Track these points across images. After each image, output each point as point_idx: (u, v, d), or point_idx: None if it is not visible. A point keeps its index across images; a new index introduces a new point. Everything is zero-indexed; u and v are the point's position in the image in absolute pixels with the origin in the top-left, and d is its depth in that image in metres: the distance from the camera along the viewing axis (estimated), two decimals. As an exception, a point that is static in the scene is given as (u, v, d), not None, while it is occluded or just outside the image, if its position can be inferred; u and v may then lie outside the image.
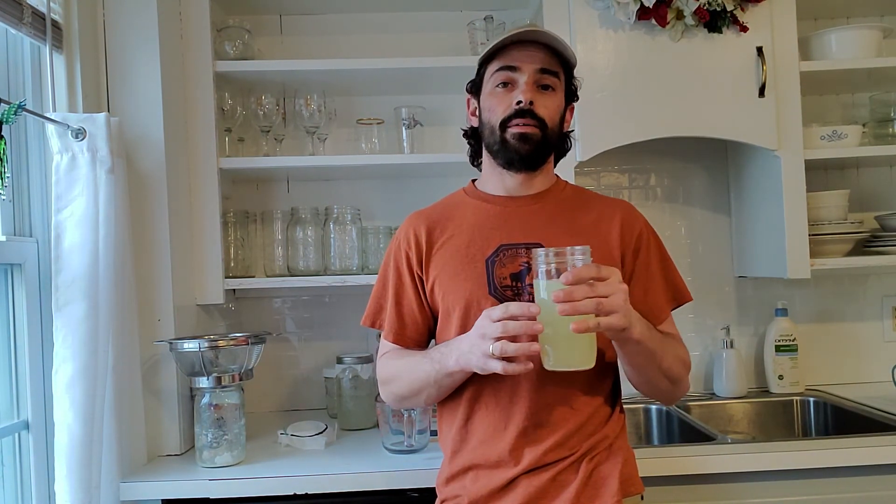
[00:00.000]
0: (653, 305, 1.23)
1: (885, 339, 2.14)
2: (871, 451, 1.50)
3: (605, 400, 1.21)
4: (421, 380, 1.20)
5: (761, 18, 1.79)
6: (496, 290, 1.18)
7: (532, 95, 1.19)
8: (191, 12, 1.79)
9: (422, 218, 1.30)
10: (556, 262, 1.03)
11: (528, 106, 1.19)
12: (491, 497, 1.17)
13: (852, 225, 1.93)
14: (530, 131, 1.19)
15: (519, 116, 1.19)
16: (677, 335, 1.27)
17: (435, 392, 1.20)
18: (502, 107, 1.21)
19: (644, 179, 2.17)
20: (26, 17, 1.41)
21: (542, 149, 1.22)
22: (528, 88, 1.19)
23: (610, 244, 1.23)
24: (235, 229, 1.95)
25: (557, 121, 1.24)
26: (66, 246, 1.42)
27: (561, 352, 1.04)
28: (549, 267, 1.03)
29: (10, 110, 1.21)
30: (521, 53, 1.20)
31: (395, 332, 1.29)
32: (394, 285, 1.29)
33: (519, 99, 1.19)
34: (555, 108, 1.22)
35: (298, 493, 1.46)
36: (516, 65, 1.20)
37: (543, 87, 1.21)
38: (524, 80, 1.19)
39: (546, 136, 1.21)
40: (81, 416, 1.38)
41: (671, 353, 1.18)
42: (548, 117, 1.21)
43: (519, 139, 1.19)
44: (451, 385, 1.19)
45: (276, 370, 2.11)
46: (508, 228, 1.22)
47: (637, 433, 2.00)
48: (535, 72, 1.19)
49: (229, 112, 1.90)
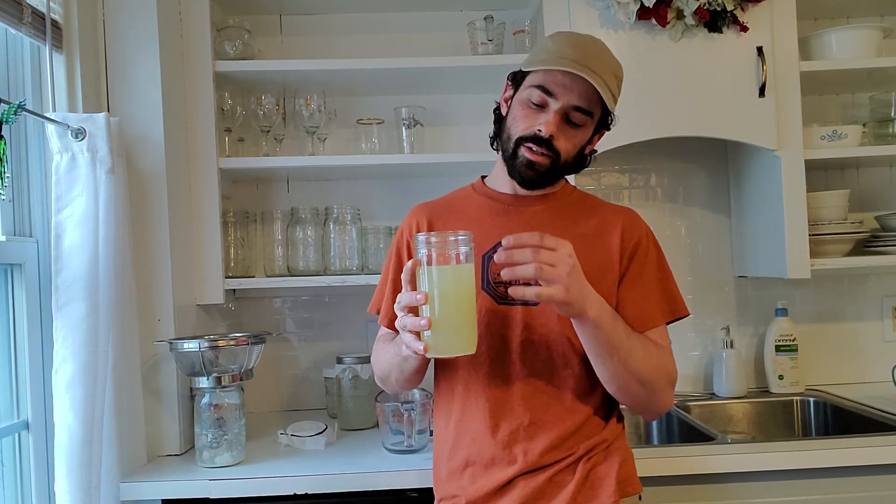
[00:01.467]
0: (641, 311, 1.20)
1: (885, 339, 2.14)
2: (871, 451, 1.50)
3: (603, 401, 1.21)
4: (388, 362, 1.21)
5: (761, 18, 1.79)
6: (489, 284, 1.19)
7: (555, 129, 1.16)
8: (191, 12, 1.79)
9: (426, 209, 1.31)
10: (437, 247, 1.01)
11: (548, 137, 1.16)
12: (488, 497, 1.17)
13: (852, 225, 1.93)
14: (540, 161, 1.18)
15: (535, 142, 1.17)
16: (665, 346, 1.21)
17: (401, 377, 1.20)
18: (525, 123, 1.18)
19: (644, 179, 2.17)
20: (26, 17, 1.41)
21: (547, 176, 1.21)
22: (553, 120, 1.16)
23: (610, 250, 1.22)
24: (235, 229, 1.95)
25: (574, 154, 1.21)
26: (66, 246, 1.42)
27: (440, 338, 1.01)
28: (429, 251, 1.01)
29: (10, 110, 1.21)
30: (564, 80, 1.15)
31: (389, 318, 1.28)
32: (393, 272, 1.30)
33: (541, 128, 1.16)
34: (575, 144, 1.20)
35: (298, 493, 1.46)
36: (553, 91, 1.16)
37: (572, 123, 1.18)
38: (555, 108, 1.16)
39: (556, 165, 1.19)
40: (81, 416, 1.38)
41: (642, 353, 1.12)
42: (565, 151, 1.18)
43: (526, 165, 1.18)
44: (412, 370, 1.16)
45: (276, 370, 2.11)
46: (509, 226, 1.22)
47: (637, 433, 2.00)
48: (569, 106, 1.16)
49: (229, 112, 1.90)
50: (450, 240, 1.01)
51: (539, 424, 1.16)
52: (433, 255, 1.01)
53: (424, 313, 1.01)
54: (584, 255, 1.18)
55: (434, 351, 1.01)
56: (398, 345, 1.13)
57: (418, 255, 1.03)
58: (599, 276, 1.18)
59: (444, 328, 1.01)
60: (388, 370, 1.23)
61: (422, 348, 1.01)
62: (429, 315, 1.00)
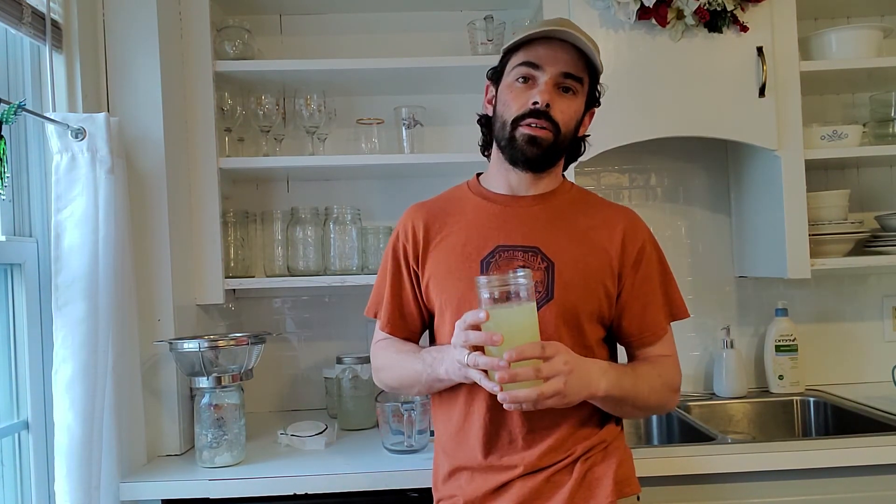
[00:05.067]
0: (651, 322, 1.22)
1: (885, 339, 2.14)
2: (871, 451, 1.50)
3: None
4: (411, 377, 1.21)
5: (761, 18, 1.79)
6: None
7: (550, 97, 1.15)
8: (191, 12, 1.79)
9: (421, 211, 1.29)
10: (500, 289, 1.03)
11: (545, 108, 1.14)
12: (486, 498, 1.17)
13: (852, 225, 1.93)
14: (542, 135, 1.16)
15: (533, 116, 1.15)
16: (672, 355, 1.24)
17: (425, 390, 1.22)
18: (518, 103, 1.17)
19: (644, 179, 2.17)
20: (26, 17, 1.41)
21: (551, 153, 1.19)
22: (547, 89, 1.15)
23: (609, 253, 1.20)
24: (235, 229, 1.95)
25: (573, 126, 1.20)
26: (66, 246, 1.42)
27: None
28: (492, 293, 1.03)
29: (9, 110, 1.21)
30: (547, 51, 1.15)
31: (391, 325, 1.29)
32: (391, 276, 1.29)
33: (536, 99, 1.14)
34: (572, 113, 1.18)
35: (298, 493, 1.46)
36: (539, 63, 1.15)
37: (564, 90, 1.17)
38: (545, 79, 1.15)
39: (558, 140, 1.17)
40: (81, 417, 1.38)
41: (648, 389, 1.17)
42: (563, 122, 1.17)
43: (528, 141, 1.16)
44: (442, 387, 1.20)
45: (276, 370, 2.10)
46: (507, 230, 1.21)
47: (637, 433, 2.00)
48: (557, 73, 1.15)
49: (229, 112, 1.90)
50: (511, 281, 1.03)
51: (537, 431, 1.16)
52: (495, 296, 1.03)
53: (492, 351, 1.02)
54: (582, 255, 1.19)
55: (506, 390, 1.03)
56: (429, 364, 1.15)
57: (482, 297, 1.03)
58: (597, 277, 1.18)
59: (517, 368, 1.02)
60: (411, 383, 1.22)
61: (498, 389, 1.02)
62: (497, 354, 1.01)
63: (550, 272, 1.16)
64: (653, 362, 1.22)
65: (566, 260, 1.17)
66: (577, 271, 1.17)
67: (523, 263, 1.16)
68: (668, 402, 1.22)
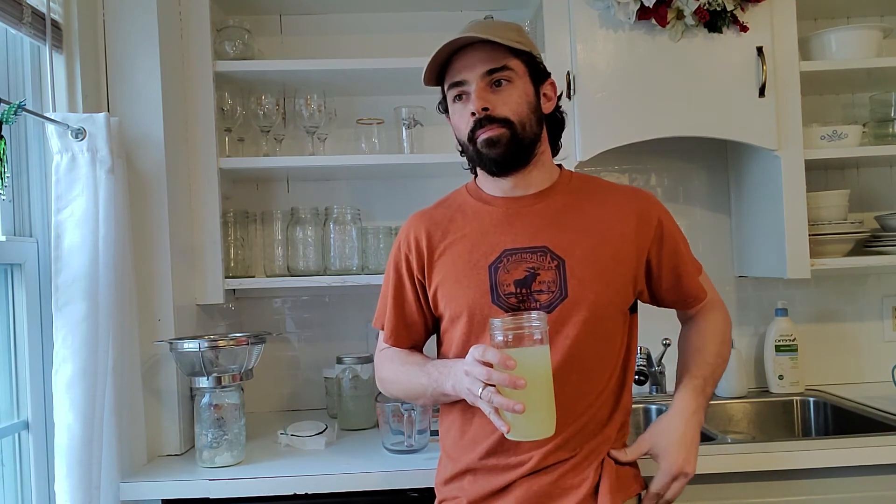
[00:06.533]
0: (688, 287, 1.27)
1: (885, 339, 2.14)
2: (871, 451, 1.50)
3: (607, 401, 1.21)
4: (416, 391, 1.22)
5: (761, 18, 1.79)
6: (499, 297, 1.16)
7: (483, 101, 1.14)
8: (191, 12, 1.79)
9: (423, 220, 1.28)
10: (514, 332, 1.02)
11: (482, 114, 1.15)
12: (489, 498, 1.17)
13: (852, 225, 1.93)
14: (495, 134, 1.15)
15: (479, 127, 1.16)
16: (717, 300, 1.36)
17: (430, 403, 1.25)
18: (463, 122, 1.18)
19: (644, 179, 2.17)
20: (26, 17, 1.41)
21: (516, 146, 1.17)
22: (477, 95, 1.15)
23: (624, 237, 1.20)
24: (235, 229, 1.95)
25: (526, 110, 1.17)
26: (66, 246, 1.42)
27: (524, 422, 1.02)
28: (505, 337, 1.02)
29: (10, 110, 1.21)
30: (462, 63, 1.16)
31: (395, 337, 1.30)
32: (393, 289, 1.29)
33: (471, 110, 1.15)
34: (516, 101, 1.16)
35: (298, 493, 1.46)
36: (461, 77, 1.16)
37: (496, 85, 1.16)
38: (472, 88, 1.15)
39: (516, 131, 1.16)
40: (81, 416, 1.38)
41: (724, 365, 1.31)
42: (511, 112, 1.16)
43: (487, 145, 1.16)
44: (448, 401, 1.20)
45: (276, 370, 2.10)
46: (513, 232, 1.19)
47: (637, 433, 1.99)
48: (480, 77, 1.15)
49: (229, 112, 1.90)
50: (525, 324, 1.02)
51: None
52: (509, 339, 1.02)
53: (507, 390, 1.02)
54: (593, 247, 1.18)
55: (516, 433, 1.03)
56: (434, 380, 1.16)
57: (495, 340, 1.03)
58: (612, 265, 1.18)
59: (530, 413, 1.01)
60: (417, 396, 1.24)
61: (506, 429, 1.02)
62: (510, 397, 1.01)
63: (562, 270, 1.16)
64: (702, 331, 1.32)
65: (577, 254, 1.17)
66: (589, 264, 1.16)
67: (532, 265, 1.16)
68: (728, 346, 1.34)
